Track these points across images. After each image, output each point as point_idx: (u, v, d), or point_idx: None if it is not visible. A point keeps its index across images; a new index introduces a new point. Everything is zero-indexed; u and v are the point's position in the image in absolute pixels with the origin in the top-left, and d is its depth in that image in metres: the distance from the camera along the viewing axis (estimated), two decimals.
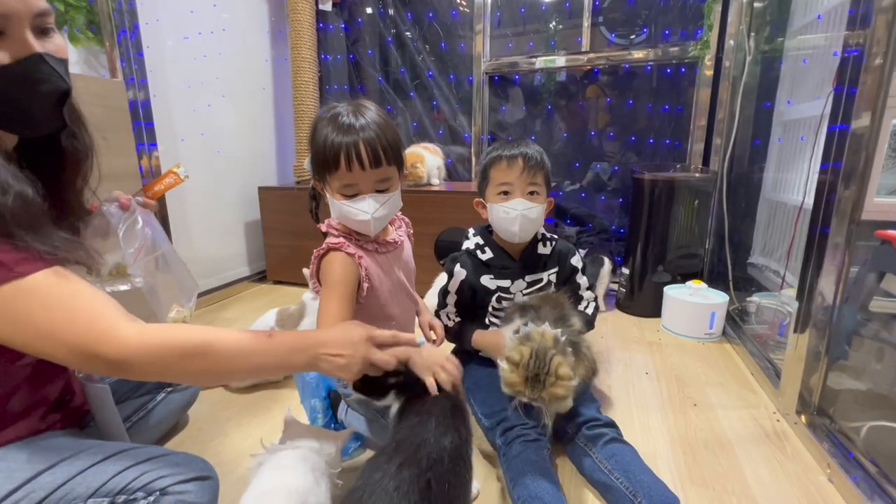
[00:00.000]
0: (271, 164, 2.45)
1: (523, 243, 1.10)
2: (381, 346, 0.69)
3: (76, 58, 1.49)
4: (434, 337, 1.01)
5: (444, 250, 2.05)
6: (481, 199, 1.11)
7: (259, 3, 2.27)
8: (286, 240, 2.18)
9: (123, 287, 0.79)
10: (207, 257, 2.06)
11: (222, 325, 1.45)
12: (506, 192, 1.03)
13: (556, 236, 1.15)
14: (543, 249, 1.12)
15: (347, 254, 0.82)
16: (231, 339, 0.62)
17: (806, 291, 1.06)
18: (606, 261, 1.87)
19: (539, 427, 0.89)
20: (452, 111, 2.37)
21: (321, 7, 2.27)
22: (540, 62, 2.17)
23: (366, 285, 0.84)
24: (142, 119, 1.65)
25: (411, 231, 1.04)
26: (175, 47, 1.83)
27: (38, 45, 0.59)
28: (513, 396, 0.80)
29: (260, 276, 2.35)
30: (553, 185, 1.11)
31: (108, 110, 0.94)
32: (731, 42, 1.83)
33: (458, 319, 1.14)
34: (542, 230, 1.13)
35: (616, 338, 1.62)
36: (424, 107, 2.42)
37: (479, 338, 1.09)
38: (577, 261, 1.15)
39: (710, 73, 1.91)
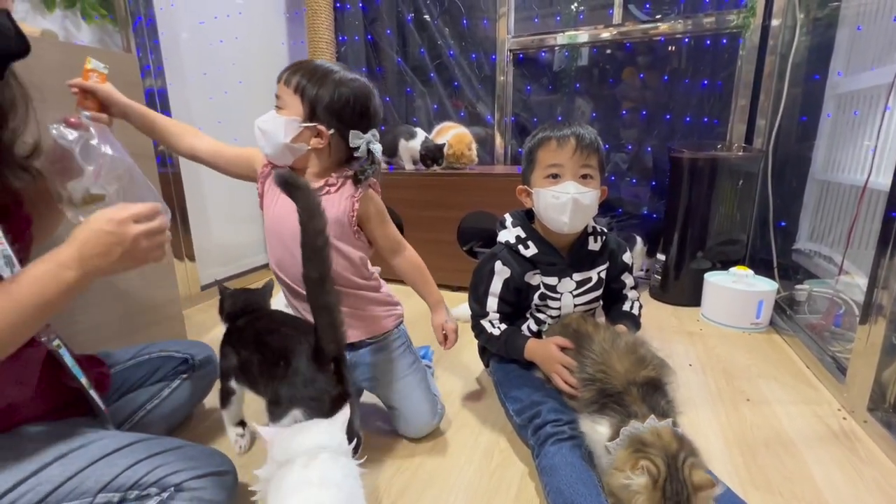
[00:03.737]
0: None
1: (572, 236, 0.98)
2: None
3: (90, 37, 1.45)
4: (446, 341, 0.95)
5: (469, 236, 1.97)
6: (525, 187, 0.99)
7: None
8: None
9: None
10: (225, 245, 2.03)
11: None
12: (555, 176, 0.92)
13: (605, 230, 1.03)
14: (594, 245, 1.00)
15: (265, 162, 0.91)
16: None
17: (880, 280, 0.95)
18: (639, 240, 1.76)
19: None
20: (474, 92, 2.27)
21: None
22: (566, 37, 2.05)
23: (259, 194, 0.92)
24: (158, 108, 1.61)
25: (357, 197, 0.86)
26: (190, 33, 1.78)
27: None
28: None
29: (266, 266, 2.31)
30: None
31: (123, 86, 0.88)
32: (780, 8, 1.69)
33: (503, 327, 1.00)
34: (593, 223, 1.01)
35: (653, 328, 1.52)
36: (445, 88, 2.32)
37: (535, 348, 0.95)
38: (627, 258, 1.05)
39: (755, 42, 1.77)
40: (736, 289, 1.49)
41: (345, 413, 0.67)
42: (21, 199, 0.67)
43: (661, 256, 1.77)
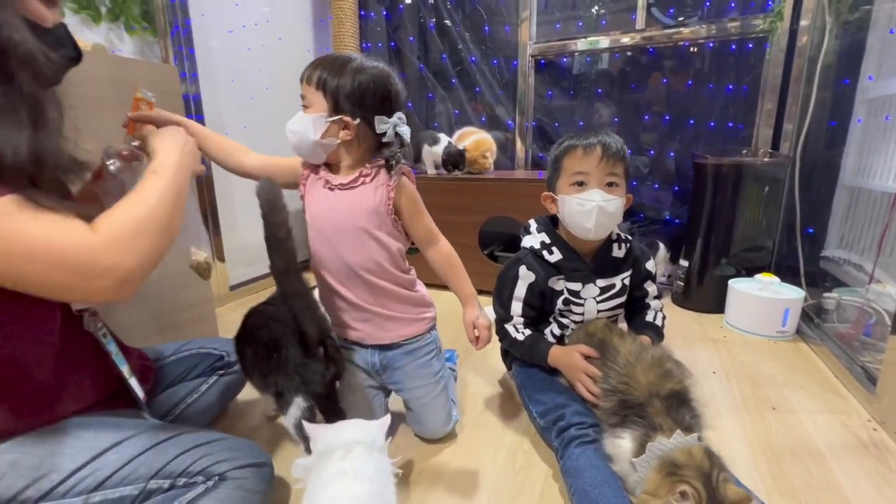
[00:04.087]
0: None
1: (597, 242, 0.99)
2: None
3: (131, 48, 1.52)
4: (477, 338, 0.92)
5: (490, 240, 1.99)
6: (550, 193, 1.01)
7: None
8: None
9: None
10: (253, 246, 2.09)
11: None
12: (580, 183, 0.93)
13: (630, 237, 1.04)
14: (618, 252, 1.01)
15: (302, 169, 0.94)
16: (150, 188, 0.63)
17: None
18: (662, 247, 1.75)
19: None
20: (495, 97, 2.29)
21: None
22: (587, 43, 2.06)
23: (301, 202, 0.93)
24: (193, 112, 1.68)
25: (392, 185, 0.86)
26: (220, 41, 1.85)
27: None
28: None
29: (306, 264, 2.37)
30: None
31: (165, 96, 0.93)
32: (808, 12, 1.67)
33: (527, 332, 1.01)
34: (617, 230, 1.02)
35: (676, 335, 1.51)
36: (466, 93, 2.35)
37: (558, 355, 0.96)
38: (651, 265, 1.05)
39: (782, 46, 1.75)
40: (761, 296, 1.47)
41: (387, 418, 0.70)
42: (70, 198, 0.73)
43: (683, 262, 1.76)
